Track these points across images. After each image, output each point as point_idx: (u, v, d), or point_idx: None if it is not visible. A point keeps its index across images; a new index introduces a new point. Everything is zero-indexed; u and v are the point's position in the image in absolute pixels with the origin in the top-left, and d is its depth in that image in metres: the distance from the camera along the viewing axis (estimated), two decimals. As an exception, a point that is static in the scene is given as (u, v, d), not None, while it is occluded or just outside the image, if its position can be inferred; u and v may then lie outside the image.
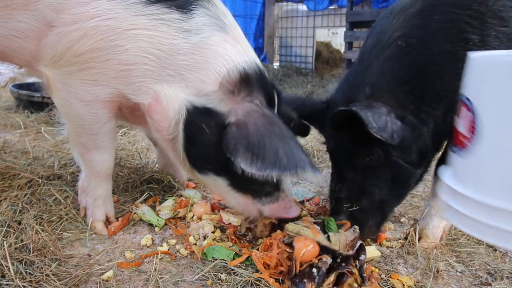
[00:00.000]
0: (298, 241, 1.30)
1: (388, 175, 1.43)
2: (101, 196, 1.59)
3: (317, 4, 6.24)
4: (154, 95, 1.28)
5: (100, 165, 1.52)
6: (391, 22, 1.47)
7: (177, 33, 1.24)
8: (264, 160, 1.15)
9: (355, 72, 1.49)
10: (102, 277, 1.29)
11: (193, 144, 1.32)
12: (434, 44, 1.39)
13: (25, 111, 3.40)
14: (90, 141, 1.46)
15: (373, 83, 1.40)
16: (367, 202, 1.46)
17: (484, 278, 1.42)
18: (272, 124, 1.24)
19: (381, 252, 1.52)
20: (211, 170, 1.36)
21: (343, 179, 1.48)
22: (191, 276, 1.33)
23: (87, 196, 1.60)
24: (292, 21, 6.75)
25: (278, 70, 6.04)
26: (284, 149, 1.18)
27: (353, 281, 1.24)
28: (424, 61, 1.39)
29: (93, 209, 1.59)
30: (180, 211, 1.71)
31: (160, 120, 1.32)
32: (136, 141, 2.71)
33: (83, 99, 1.32)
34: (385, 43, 1.43)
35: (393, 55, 1.40)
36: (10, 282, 1.18)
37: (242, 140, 1.19)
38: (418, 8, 1.43)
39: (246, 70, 1.29)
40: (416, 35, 1.40)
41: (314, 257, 1.27)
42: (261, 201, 1.44)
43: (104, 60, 1.23)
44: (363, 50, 1.54)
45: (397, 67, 1.40)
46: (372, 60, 1.43)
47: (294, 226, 1.38)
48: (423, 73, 1.39)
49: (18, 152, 2.27)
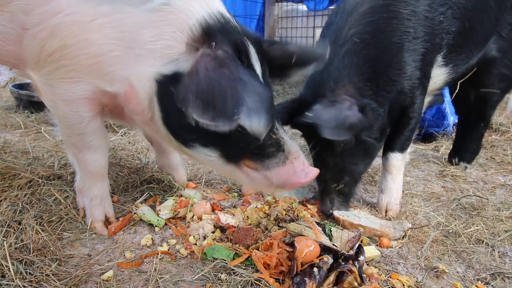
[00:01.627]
0: (299, 241, 1.30)
1: (360, 151, 1.74)
2: (97, 196, 1.58)
3: (317, 4, 6.22)
4: (127, 81, 1.24)
5: (92, 165, 1.50)
6: (345, 20, 1.69)
7: (136, 8, 1.19)
8: (215, 107, 1.02)
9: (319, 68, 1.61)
10: (102, 277, 1.29)
11: (170, 114, 1.24)
12: (384, 38, 1.66)
13: (25, 111, 3.40)
14: (79, 141, 1.44)
15: (335, 77, 1.63)
16: (349, 178, 1.77)
17: (484, 278, 1.42)
18: (222, 67, 1.09)
19: (381, 252, 1.52)
20: (196, 141, 1.27)
21: (326, 165, 1.73)
22: (191, 276, 1.33)
23: (84, 196, 1.60)
24: (292, 21, 6.74)
25: (278, 70, 6.03)
26: (231, 93, 1.04)
27: (353, 279, 1.25)
28: (377, 53, 1.66)
29: (91, 210, 1.59)
30: (180, 211, 1.71)
31: (136, 104, 1.27)
32: (136, 141, 2.71)
33: (64, 98, 1.30)
34: (342, 40, 1.65)
35: (350, 50, 1.64)
36: (10, 282, 1.18)
37: (192, 86, 1.07)
38: (368, 7, 1.67)
39: (208, 21, 1.20)
40: (369, 31, 1.65)
41: (315, 257, 1.27)
42: (265, 166, 1.28)
43: (74, 56, 1.21)
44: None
45: (355, 60, 1.63)
46: (333, 56, 1.62)
47: (296, 226, 1.39)
48: (377, 63, 1.66)
49: (18, 152, 2.27)
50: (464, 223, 1.76)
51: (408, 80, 1.71)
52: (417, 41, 1.69)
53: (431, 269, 1.44)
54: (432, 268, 1.44)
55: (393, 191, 1.86)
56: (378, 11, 1.67)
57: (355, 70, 1.63)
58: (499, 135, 3.16)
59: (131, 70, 1.23)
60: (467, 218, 1.83)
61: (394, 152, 1.87)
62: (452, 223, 1.74)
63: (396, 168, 1.87)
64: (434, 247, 1.58)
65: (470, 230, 1.69)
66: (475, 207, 1.95)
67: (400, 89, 1.72)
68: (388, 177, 1.88)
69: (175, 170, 2.05)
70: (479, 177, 2.41)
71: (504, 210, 1.90)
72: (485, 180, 2.36)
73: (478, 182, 2.33)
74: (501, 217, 1.82)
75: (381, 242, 1.58)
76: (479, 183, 2.31)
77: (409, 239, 1.62)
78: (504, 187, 2.27)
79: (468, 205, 1.98)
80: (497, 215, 1.84)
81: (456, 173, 2.41)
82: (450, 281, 1.39)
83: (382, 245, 1.57)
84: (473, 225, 1.73)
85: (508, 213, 1.87)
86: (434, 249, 1.57)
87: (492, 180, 2.36)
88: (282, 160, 1.29)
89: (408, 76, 1.70)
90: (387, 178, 1.88)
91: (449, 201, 2.04)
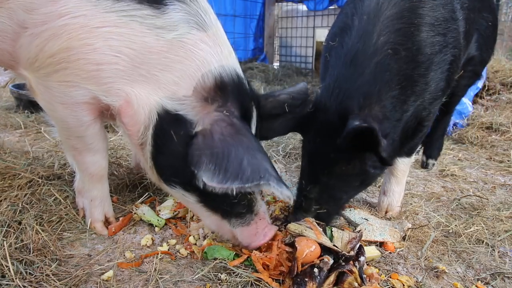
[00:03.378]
0: (300, 241, 1.30)
1: (358, 182, 1.54)
2: (97, 197, 1.57)
3: (317, 4, 6.22)
4: (125, 97, 1.21)
5: (92, 167, 1.49)
6: (372, 25, 1.46)
7: (149, 30, 1.16)
8: (227, 171, 1.06)
9: (346, 75, 1.45)
10: (102, 277, 1.29)
11: (161, 152, 1.24)
12: (416, 50, 1.46)
13: (25, 111, 3.40)
14: (79, 143, 1.41)
15: (365, 92, 1.40)
16: (334, 205, 1.57)
17: (484, 278, 1.42)
18: (239, 134, 1.14)
19: (381, 252, 1.52)
20: (178, 184, 1.28)
21: (316, 181, 1.51)
22: (191, 276, 1.33)
23: (83, 197, 1.60)
24: (292, 21, 6.74)
25: (278, 70, 6.03)
26: (249, 160, 1.08)
27: (353, 279, 1.25)
28: (407, 68, 1.45)
29: (91, 210, 1.58)
30: (180, 211, 1.71)
31: (130, 124, 1.25)
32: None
33: (62, 102, 1.27)
34: (372, 49, 1.44)
35: (383, 63, 1.42)
36: (10, 282, 1.18)
37: (206, 150, 1.11)
38: (396, 11, 1.46)
39: (223, 77, 1.19)
40: (400, 41, 1.44)
41: (316, 257, 1.27)
42: (232, 223, 1.35)
43: (75, 60, 1.17)
44: (346, 52, 1.49)
45: (387, 75, 1.43)
46: (364, 66, 1.42)
47: (296, 226, 1.39)
48: (406, 79, 1.45)
49: (18, 152, 2.27)
50: (464, 223, 1.76)
51: (431, 94, 1.55)
52: (446, 50, 1.53)
53: (431, 269, 1.44)
54: (432, 268, 1.44)
55: (396, 194, 1.84)
56: (407, 16, 1.46)
57: (385, 87, 1.42)
58: (499, 135, 3.16)
59: (132, 88, 1.20)
60: (467, 218, 1.83)
61: (401, 157, 1.80)
62: (452, 223, 1.74)
63: (402, 172, 1.83)
64: (434, 247, 1.58)
65: (470, 230, 1.69)
66: (475, 207, 1.95)
67: (420, 103, 1.54)
68: (393, 180, 1.84)
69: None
70: (479, 177, 2.41)
71: (504, 210, 1.90)
72: (485, 180, 2.36)
73: (478, 182, 2.33)
74: (501, 217, 1.82)
75: (385, 246, 1.57)
76: (479, 183, 2.31)
77: (409, 239, 1.62)
78: (504, 187, 2.27)
79: (468, 205, 1.98)
80: (497, 215, 1.84)
81: (456, 173, 2.41)
82: (450, 281, 1.39)
83: (387, 249, 1.56)
84: (473, 225, 1.73)
85: (508, 213, 1.87)
86: (434, 249, 1.57)
87: (492, 180, 2.37)
88: (248, 221, 1.35)
89: (432, 90, 1.55)
90: (391, 181, 1.84)
91: (449, 201, 2.04)
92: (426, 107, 1.59)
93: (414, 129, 1.69)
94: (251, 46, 6.97)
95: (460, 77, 1.95)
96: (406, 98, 1.47)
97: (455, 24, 1.56)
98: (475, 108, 3.57)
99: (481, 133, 3.13)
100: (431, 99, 1.57)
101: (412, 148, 1.80)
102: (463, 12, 1.66)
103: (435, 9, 1.50)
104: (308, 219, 1.44)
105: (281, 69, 6.25)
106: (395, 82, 1.43)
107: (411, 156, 1.83)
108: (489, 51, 2.13)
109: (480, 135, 3.10)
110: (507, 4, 6.59)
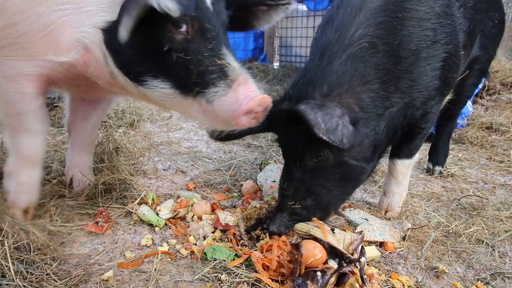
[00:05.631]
0: (306, 247, 1.27)
1: (337, 175, 1.44)
2: (26, 182, 1.48)
3: (317, 4, 6.22)
4: (82, 45, 1.23)
5: (28, 149, 1.43)
6: (352, 17, 1.42)
7: None
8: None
9: (313, 67, 1.43)
10: (102, 277, 1.28)
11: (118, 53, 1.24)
12: (398, 45, 1.42)
13: (25, 111, 3.39)
14: (17, 121, 1.37)
15: (331, 81, 1.37)
16: (312, 202, 1.46)
17: (484, 278, 1.42)
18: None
19: (381, 252, 1.52)
20: (146, 73, 1.24)
21: (291, 178, 1.46)
22: (191, 276, 1.33)
23: (11, 180, 1.48)
24: (292, 21, 6.74)
25: (278, 70, 6.02)
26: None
27: (354, 281, 1.24)
28: (388, 62, 1.42)
29: (16, 195, 1.48)
30: (180, 211, 1.71)
31: (95, 65, 1.27)
32: (136, 141, 2.71)
33: (6, 75, 1.27)
34: (347, 40, 1.40)
35: (356, 55, 1.39)
36: (11, 282, 1.18)
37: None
38: (380, 4, 1.43)
39: None
40: (380, 35, 1.40)
41: (320, 263, 1.25)
42: (208, 99, 1.20)
43: (22, 33, 1.18)
44: (322, 44, 1.48)
45: (360, 67, 1.39)
46: (333, 57, 1.39)
47: (303, 225, 1.37)
48: (387, 73, 1.42)
49: (18, 152, 2.26)
50: (464, 223, 1.76)
51: (420, 92, 1.51)
52: (437, 46, 1.48)
53: (431, 269, 1.44)
54: (432, 268, 1.44)
55: (396, 195, 1.81)
56: (392, 9, 1.43)
57: (358, 78, 1.40)
58: (499, 135, 3.16)
59: (83, 31, 1.22)
60: (467, 218, 1.83)
61: (401, 159, 1.77)
62: (452, 223, 1.74)
63: (402, 174, 1.80)
64: (434, 247, 1.58)
65: (470, 230, 1.69)
66: (475, 207, 1.95)
67: (408, 101, 1.51)
68: (393, 181, 1.81)
69: (84, 171, 1.81)
70: (479, 177, 2.41)
71: (504, 210, 1.90)
72: (485, 180, 2.36)
73: (478, 182, 2.33)
74: (501, 217, 1.82)
75: (385, 246, 1.57)
76: (479, 183, 2.31)
77: (409, 239, 1.62)
78: (504, 187, 2.27)
79: (468, 205, 1.98)
80: (497, 215, 1.84)
81: (456, 173, 2.41)
82: (450, 281, 1.39)
83: (387, 249, 1.56)
84: (473, 225, 1.73)
85: (508, 213, 1.87)
86: (434, 249, 1.57)
87: (492, 180, 2.37)
88: (223, 88, 1.19)
89: (422, 88, 1.50)
90: (391, 182, 1.81)
91: (449, 201, 2.04)
92: (418, 107, 1.55)
93: (411, 132, 1.67)
94: (251, 46, 6.96)
95: (467, 77, 1.93)
96: (388, 94, 1.45)
97: (449, 20, 1.52)
98: (475, 108, 3.57)
99: (481, 133, 3.13)
100: (423, 98, 1.53)
101: (412, 150, 1.77)
102: (465, 11, 1.62)
103: (423, 3, 1.46)
104: (315, 219, 1.40)
105: (281, 69, 6.24)
106: (373, 76, 1.41)
107: (411, 158, 1.79)
108: (495, 48, 2.12)
109: (480, 135, 3.10)
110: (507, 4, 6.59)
